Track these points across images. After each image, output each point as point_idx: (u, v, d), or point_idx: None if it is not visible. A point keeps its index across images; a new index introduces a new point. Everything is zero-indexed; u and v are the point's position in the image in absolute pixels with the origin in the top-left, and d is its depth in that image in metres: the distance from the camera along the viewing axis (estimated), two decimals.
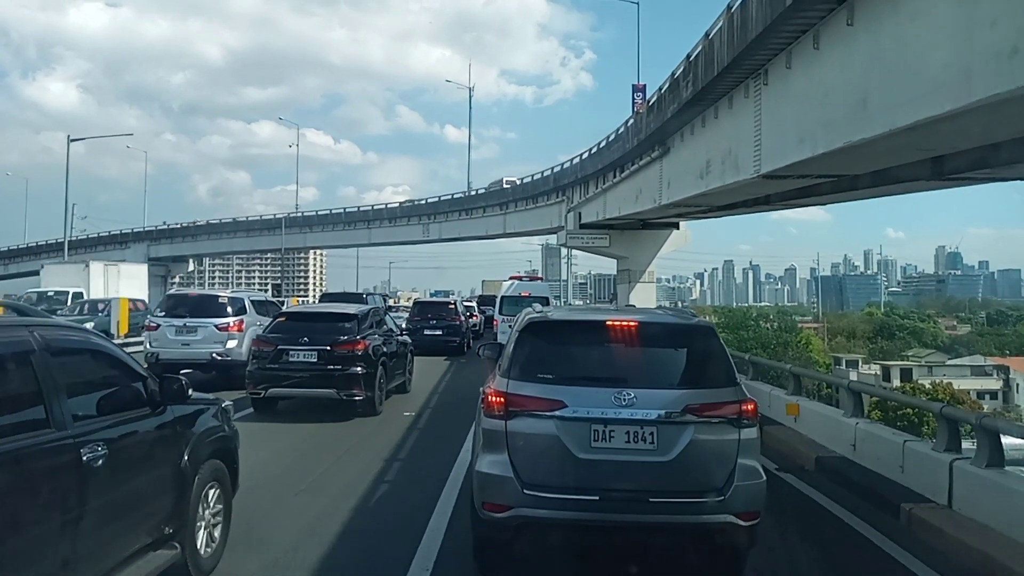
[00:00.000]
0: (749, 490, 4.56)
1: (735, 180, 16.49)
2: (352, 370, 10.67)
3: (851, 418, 8.21)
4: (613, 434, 4.53)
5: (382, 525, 6.17)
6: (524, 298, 21.25)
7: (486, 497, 4.66)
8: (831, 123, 11.34)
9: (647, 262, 37.19)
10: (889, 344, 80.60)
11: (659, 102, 21.39)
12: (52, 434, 3.37)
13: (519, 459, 4.58)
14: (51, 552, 3.24)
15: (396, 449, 9.23)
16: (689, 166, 20.49)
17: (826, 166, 13.41)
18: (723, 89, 16.30)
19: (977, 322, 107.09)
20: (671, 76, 19.71)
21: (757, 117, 14.68)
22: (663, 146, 23.07)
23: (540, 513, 4.51)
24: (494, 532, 4.74)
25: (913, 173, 14.46)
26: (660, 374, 4.96)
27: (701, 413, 4.59)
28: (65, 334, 3.98)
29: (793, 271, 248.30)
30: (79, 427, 3.55)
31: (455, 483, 7.17)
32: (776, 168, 13.95)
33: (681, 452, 4.50)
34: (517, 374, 4.81)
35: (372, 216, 58.33)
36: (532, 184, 43.45)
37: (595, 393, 4.60)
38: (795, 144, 12.81)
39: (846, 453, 8.03)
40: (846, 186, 17.54)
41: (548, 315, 5.47)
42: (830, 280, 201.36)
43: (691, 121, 19.69)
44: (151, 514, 4.12)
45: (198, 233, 68.21)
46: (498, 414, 4.67)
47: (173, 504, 4.31)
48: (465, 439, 8.65)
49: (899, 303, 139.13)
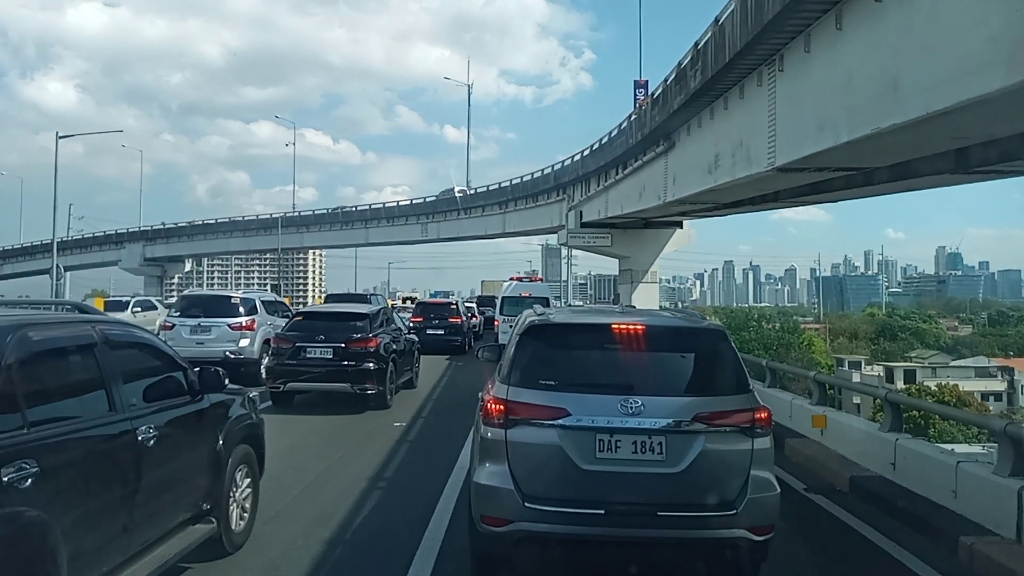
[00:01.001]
0: (763, 503, 4.31)
1: (746, 174, 15.63)
2: (365, 366, 11.28)
3: (889, 433, 7.34)
4: (619, 444, 4.30)
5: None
6: (524, 299, 20.94)
7: (485, 510, 4.42)
8: (856, 109, 10.48)
9: (650, 262, 36.41)
10: (892, 345, 79.93)
11: (664, 94, 20.53)
12: (114, 417, 3.84)
13: (520, 470, 4.34)
14: (115, 519, 3.72)
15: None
16: (696, 161, 19.64)
17: (847, 157, 12.54)
18: (734, 78, 15.45)
19: (979, 323, 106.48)
20: (677, 66, 18.86)
21: (771, 106, 13.83)
22: (668, 140, 22.22)
23: (542, 527, 4.28)
24: (493, 547, 4.51)
25: (935, 167, 13.60)
26: (669, 380, 4.68)
27: (712, 422, 4.34)
28: (120, 329, 4.47)
29: (793, 271, 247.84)
30: (134, 411, 3.99)
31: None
32: (793, 160, 13.09)
33: (691, 463, 4.27)
34: (518, 380, 4.56)
35: (370, 216, 57.69)
36: (532, 182, 42.52)
37: (600, 401, 4.37)
38: (814, 134, 11.95)
39: (884, 472, 7.16)
40: (860, 181, 16.66)
41: (550, 318, 5.13)
42: (831, 280, 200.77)
43: (698, 113, 18.84)
44: (192, 491, 4.59)
45: (194, 233, 67.62)
46: (498, 422, 4.43)
47: (210, 483, 4.77)
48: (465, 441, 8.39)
49: (900, 304, 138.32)
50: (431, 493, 6.72)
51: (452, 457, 8.08)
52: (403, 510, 6.45)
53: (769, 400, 10.66)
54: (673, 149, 22.07)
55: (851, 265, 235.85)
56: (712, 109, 17.89)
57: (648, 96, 22.64)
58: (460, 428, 9.01)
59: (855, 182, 16.84)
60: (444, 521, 5.93)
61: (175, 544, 4.33)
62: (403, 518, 6.14)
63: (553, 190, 39.70)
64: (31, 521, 3.05)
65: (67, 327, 4.08)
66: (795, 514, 6.14)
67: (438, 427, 10.76)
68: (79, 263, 71.84)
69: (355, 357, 11.29)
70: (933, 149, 11.71)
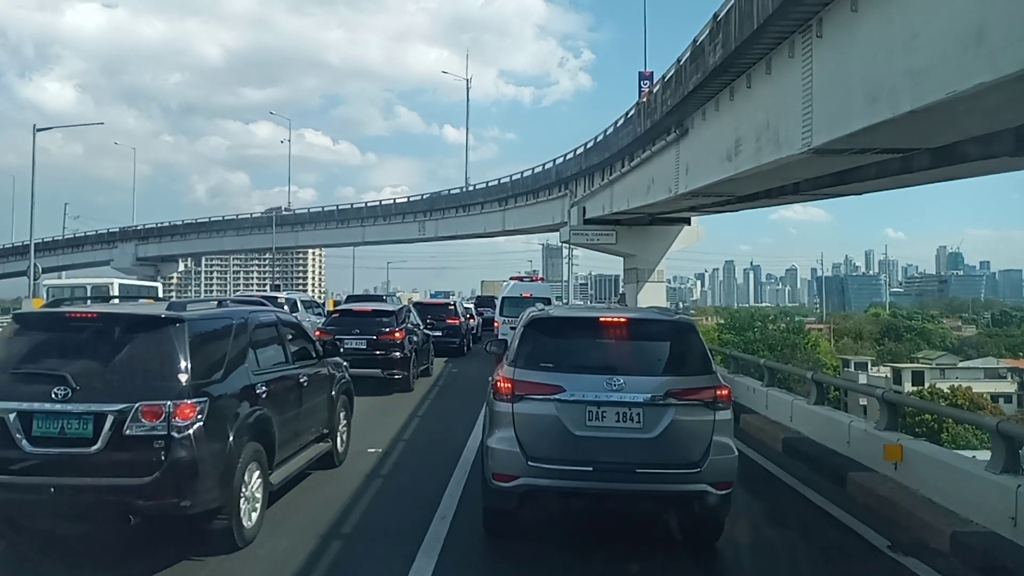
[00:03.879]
0: (723, 463, 5.19)
1: (774, 159, 13.88)
2: (393, 354, 13.46)
3: (1003, 475, 5.62)
4: (605, 414, 5.19)
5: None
6: (525, 299, 19.81)
7: (496, 468, 5.31)
8: (923, 72, 8.75)
9: (656, 260, 34.75)
10: (897, 346, 78.55)
11: (677, 75, 18.77)
12: (288, 367, 6.47)
13: (524, 436, 5.24)
14: (292, 424, 6.30)
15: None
16: (713, 148, 17.89)
17: (900, 134, 10.82)
18: (760, 50, 13.71)
19: (982, 323, 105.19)
20: (692, 43, 17.08)
21: (807, 79, 12.10)
22: (680, 128, 20.48)
23: (542, 482, 5.21)
24: (502, 501, 5.38)
25: (988, 149, 11.88)
26: (646, 363, 5.55)
27: (681, 397, 5.23)
28: (283, 314, 7.24)
29: (794, 272, 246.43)
30: (296, 365, 6.64)
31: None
32: (834, 139, 11.34)
33: (664, 430, 5.15)
34: (522, 363, 5.46)
35: (366, 214, 56.14)
36: (532, 178, 40.68)
37: (590, 379, 5.24)
38: (865, 106, 10.21)
39: (1000, 529, 5.43)
40: (896, 169, 14.90)
41: (549, 312, 6.18)
42: (832, 281, 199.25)
43: (716, 95, 17.10)
44: (320, 420, 7.14)
45: (187, 232, 66.06)
46: (506, 397, 5.33)
47: (328, 416, 7.31)
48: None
49: (902, 303, 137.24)
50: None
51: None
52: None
53: (819, 421, 9.00)
54: (686, 137, 20.32)
55: (852, 265, 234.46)
56: (732, 89, 16.15)
57: (660, 78, 20.86)
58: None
59: (889, 169, 15.07)
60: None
61: (311, 451, 6.84)
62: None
63: (555, 185, 37.90)
64: (267, 415, 5.64)
65: (264, 312, 6.47)
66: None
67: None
68: (71, 263, 70.73)
69: (384, 347, 13.40)
70: (1018, 119, 9.89)
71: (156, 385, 4.74)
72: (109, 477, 4.55)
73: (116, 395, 4.63)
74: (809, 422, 9.13)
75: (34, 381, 4.72)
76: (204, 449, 4.75)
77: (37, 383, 4.69)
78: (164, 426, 4.61)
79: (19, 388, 4.70)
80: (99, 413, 4.58)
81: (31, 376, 4.78)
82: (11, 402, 4.63)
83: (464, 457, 8.16)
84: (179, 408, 4.66)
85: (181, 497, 4.65)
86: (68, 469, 4.57)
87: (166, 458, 4.60)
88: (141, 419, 4.60)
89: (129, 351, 4.91)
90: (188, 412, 4.69)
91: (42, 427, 4.60)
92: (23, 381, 4.75)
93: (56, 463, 4.58)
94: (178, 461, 4.62)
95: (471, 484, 6.94)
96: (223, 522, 5.01)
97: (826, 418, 8.70)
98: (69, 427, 4.60)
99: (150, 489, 4.56)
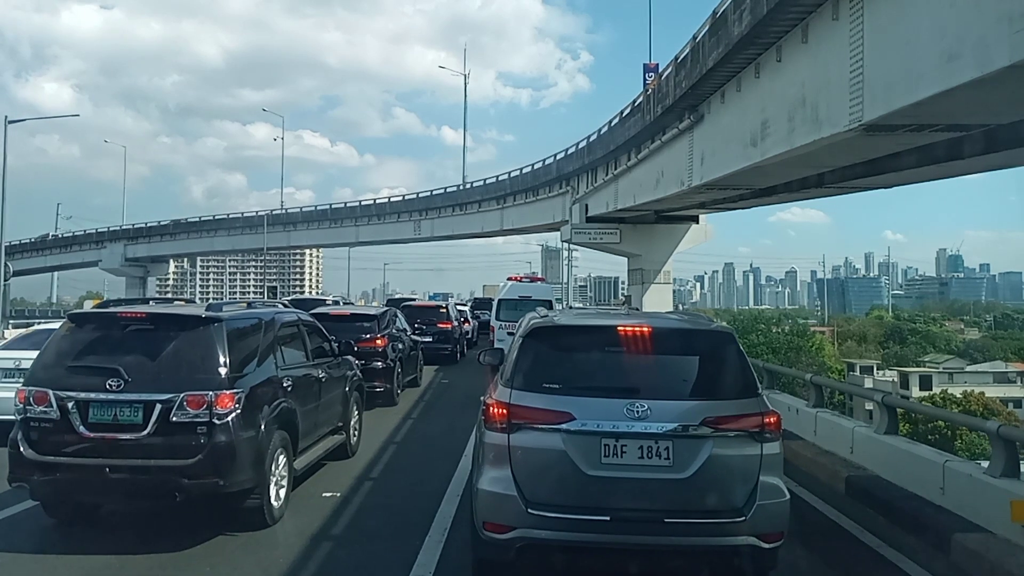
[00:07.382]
0: (772, 509, 4.27)
1: (812, 139, 12.13)
2: (373, 364, 11.90)
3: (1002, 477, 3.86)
4: (625, 449, 4.28)
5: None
6: (524, 301, 18.54)
7: (487, 517, 4.39)
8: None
9: (662, 261, 33.03)
10: (903, 349, 77.37)
11: (693, 54, 16.99)
12: (309, 363, 7.02)
13: (523, 476, 4.32)
14: (313, 416, 6.84)
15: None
16: (733, 133, 16.16)
17: (978, 103, 9.07)
18: (796, 14, 11.96)
19: (984, 325, 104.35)
20: (712, 16, 15.32)
21: (856, 43, 10.35)
22: (695, 113, 18.73)
23: (545, 535, 4.26)
24: (495, 554, 4.45)
25: None
26: (675, 384, 4.65)
27: (720, 426, 4.31)
28: (304, 314, 7.67)
29: (794, 274, 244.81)
30: (316, 362, 7.20)
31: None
32: (894, 110, 9.58)
33: (699, 468, 4.25)
34: (521, 383, 4.53)
35: (360, 213, 54.44)
36: (532, 174, 38.80)
37: (605, 404, 4.34)
38: (938, 66, 8.45)
39: None
40: (942, 154, 13.18)
41: (554, 320, 5.15)
42: (833, 283, 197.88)
43: (739, 73, 15.37)
44: (335, 413, 7.70)
45: (177, 232, 64.32)
46: (500, 427, 4.41)
47: (343, 410, 7.94)
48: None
49: (903, 306, 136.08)
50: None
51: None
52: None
53: (895, 456, 7.18)
54: (701, 123, 18.59)
55: (852, 267, 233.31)
56: (758, 65, 14.41)
57: (672, 60, 19.10)
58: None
59: (934, 156, 13.35)
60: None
61: (328, 442, 7.53)
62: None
63: (555, 182, 36.10)
64: (292, 406, 6.21)
65: (288, 312, 7.21)
66: None
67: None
68: (59, 263, 69.68)
69: (364, 357, 11.60)
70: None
71: (199, 377, 5.32)
72: (157, 459, 5.17)
73: (163, 386, 5.23)
74: (877, 455, 7.32)
75: (90, 373, 5.31)
76: (241, 435, 5.36)
77: (93, 375, 5.28)
78: (207, 414, 5.21)
79: (77, 379, 5.30)
80: (148, 402, 5.18)
81: (88, 369, 5.35)
82: (70, 391, 5.24)
83: (447, 499, 6.68)
84: (220, 398, 5.26)
85: (220, 477, 5.24)
86: (121, 452, 5.17)
87: (208, 442, 5.21)
88: (186, 407, 5.20)
89: (174, 347, 5.46)
90: (228, 401, 5.30)
91: (97, 414, 5.22)
92: (81, 373, 5.33)
93: (110, 446, 5.18)
94: (219, 445, 5.22)
95: (454, 536, 5.68)
96: (255, 501, 5.58)
97: (906, 453, 6.86)
98: (122, 414, 5.21)
99: (193, 470, 5.16)
